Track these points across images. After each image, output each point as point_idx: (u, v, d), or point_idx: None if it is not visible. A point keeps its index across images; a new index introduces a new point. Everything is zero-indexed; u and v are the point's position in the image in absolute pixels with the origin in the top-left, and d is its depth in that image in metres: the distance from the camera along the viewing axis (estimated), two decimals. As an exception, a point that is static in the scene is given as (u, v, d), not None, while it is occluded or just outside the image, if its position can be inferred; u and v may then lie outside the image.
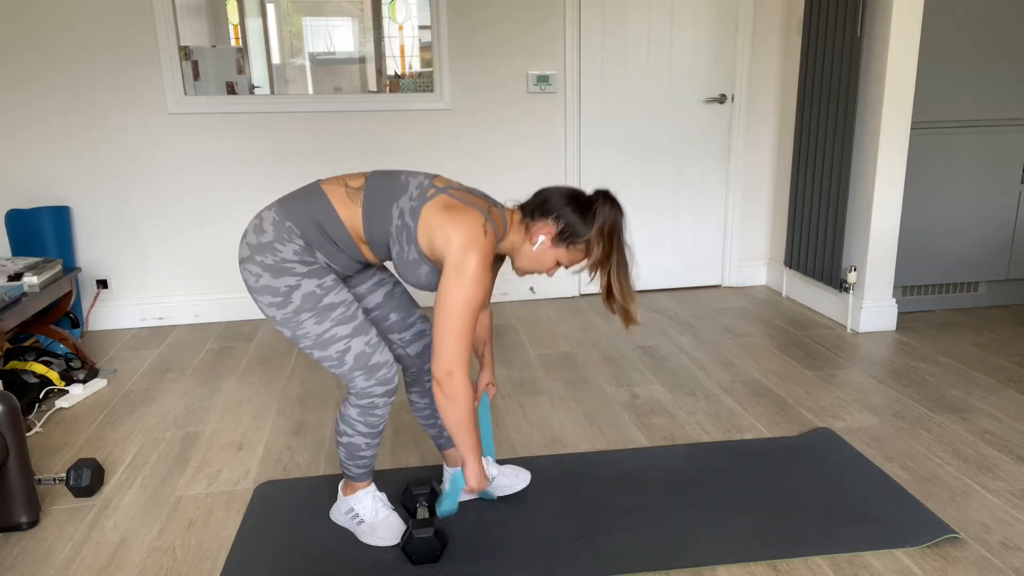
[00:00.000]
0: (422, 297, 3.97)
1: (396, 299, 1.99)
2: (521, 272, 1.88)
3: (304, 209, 1.75)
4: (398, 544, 1.95)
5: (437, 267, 1.76)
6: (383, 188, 1.77)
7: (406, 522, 2.04)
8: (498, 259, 1.99)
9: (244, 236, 1.79)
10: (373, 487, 2.01)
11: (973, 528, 2.00)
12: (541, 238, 1.81)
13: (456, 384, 1.70)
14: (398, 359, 2.03)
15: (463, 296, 1.67)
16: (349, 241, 1.77)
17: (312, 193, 1.77)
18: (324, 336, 1.76)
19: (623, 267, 1.82)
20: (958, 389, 2.89)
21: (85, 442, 2.58)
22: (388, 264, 3.60)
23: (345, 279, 1.92)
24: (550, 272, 1.88)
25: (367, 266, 1.93)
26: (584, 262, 1.85)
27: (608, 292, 1.83)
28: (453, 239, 1.67)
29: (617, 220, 1.81)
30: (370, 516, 1.98)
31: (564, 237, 1.80)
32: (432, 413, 2.10)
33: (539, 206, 1.82)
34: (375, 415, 1.86)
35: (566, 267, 1.87)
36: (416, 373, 2.06)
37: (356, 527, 2.00)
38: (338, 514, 2.05)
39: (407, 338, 2.01)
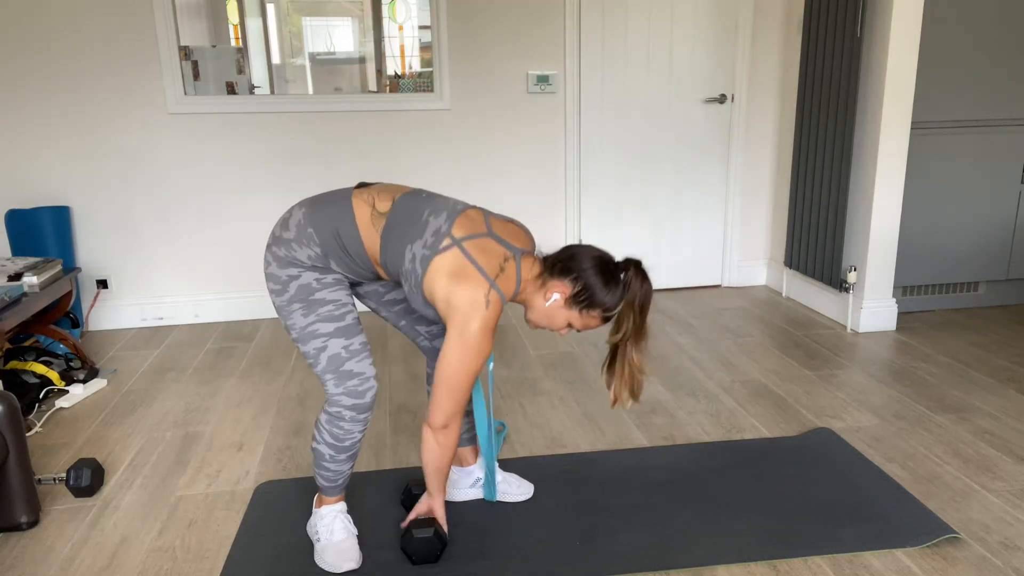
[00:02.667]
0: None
1: None
2: (532, 325, 1.83)
3: (329, 219, 1.74)
4: (400, 546, 1.95)
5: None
6: (403, 223, 1.73)
7: (405, 522, 2.03)
8: None
9: (277, 223, 1.82)
10: (341, 506, 1.94)
11: (973, 528, 2.00)
12: (555, 296, 1.75)
13: (450, 435, 1.76)
14: (423, 351, 2.06)
15: (462, 363, 1.69)
16: (367, 262, 1.77)
17: (341, 204, 1.75)
18: (307, 329, 1.76)
19: (642, 345, 1.77)
20: (958, 389, 2.89)
21: (85, 442, 2.58)
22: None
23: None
24: (562, 332, 1.83)
25: None
26: (597, 327, 1.81)
27: (613, 364, 1.80)
28: (455, 306, 1.66)
29: (648, 296, 1.74)
30: (324, 537, 1.89)
31: (579, 300, 1.74)
32: None
33: (561, 262, 1.76)
34: (340, 428, 1.80)
35: (578, 330, 1.82)
36: None
37: (315, 545, 1.93)
38: (310, 527, 1.99)
39: (435, 331, 2.02)
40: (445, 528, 1.89)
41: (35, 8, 3.42)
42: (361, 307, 4.02)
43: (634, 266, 1.75)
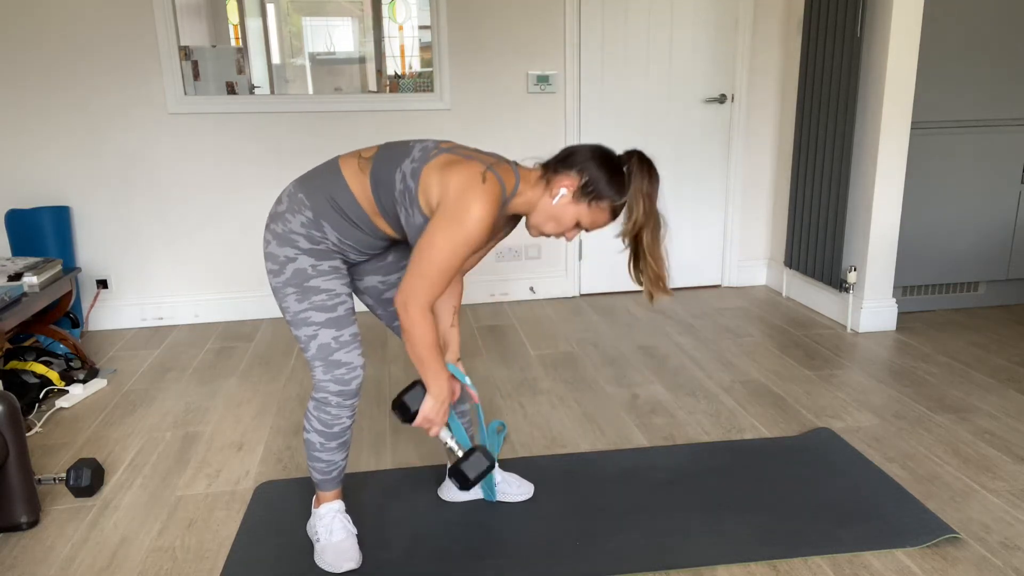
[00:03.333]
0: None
1: None
2: (536, 230, 1.76)
3: (318, 183, 1.76)
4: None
5: None
6: (390, 155, 1.74)
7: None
8: (508, 222, 1.88)
9: (273, 204, 1.81)
10: (339, 505, 1.94)
11: (973, 528, 2.00)
12: (562, 191, 1.70)
13: (411, 316, 1.66)
14: None
15: (445, 238, 1.60)
16: (362, 214, 1.75)
17: (328, 167, 1.78)
18: (299, 316, 1.77)
19: (657, 232, 1.73)
20: (958, 389, 2.89)
21: (85, 442, 2.58)
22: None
23: (370, 261, 1.91)
24: (569, 235, 1.76)
25: (395, 246, 1.90)
26: (606, 225, 1.76)
27: (637, 260, 1.74)
28: (449, 185, 1.62)
29: (655, 183, 1.71)
30: (324, 537, 1.89)
31: (587, 192, 1.69)
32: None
33: (563, 159, 1.73)
34: (328, 413, 1.82)
35: (587, 229, 1.75)
36: None
37: (314, 545, 1.93)
38: (309, 527, 1.99)
39: None
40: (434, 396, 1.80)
41: (35, 8, 3.42)
42: (359, 306, 4.02)
43: (636, 156, 1.73)
